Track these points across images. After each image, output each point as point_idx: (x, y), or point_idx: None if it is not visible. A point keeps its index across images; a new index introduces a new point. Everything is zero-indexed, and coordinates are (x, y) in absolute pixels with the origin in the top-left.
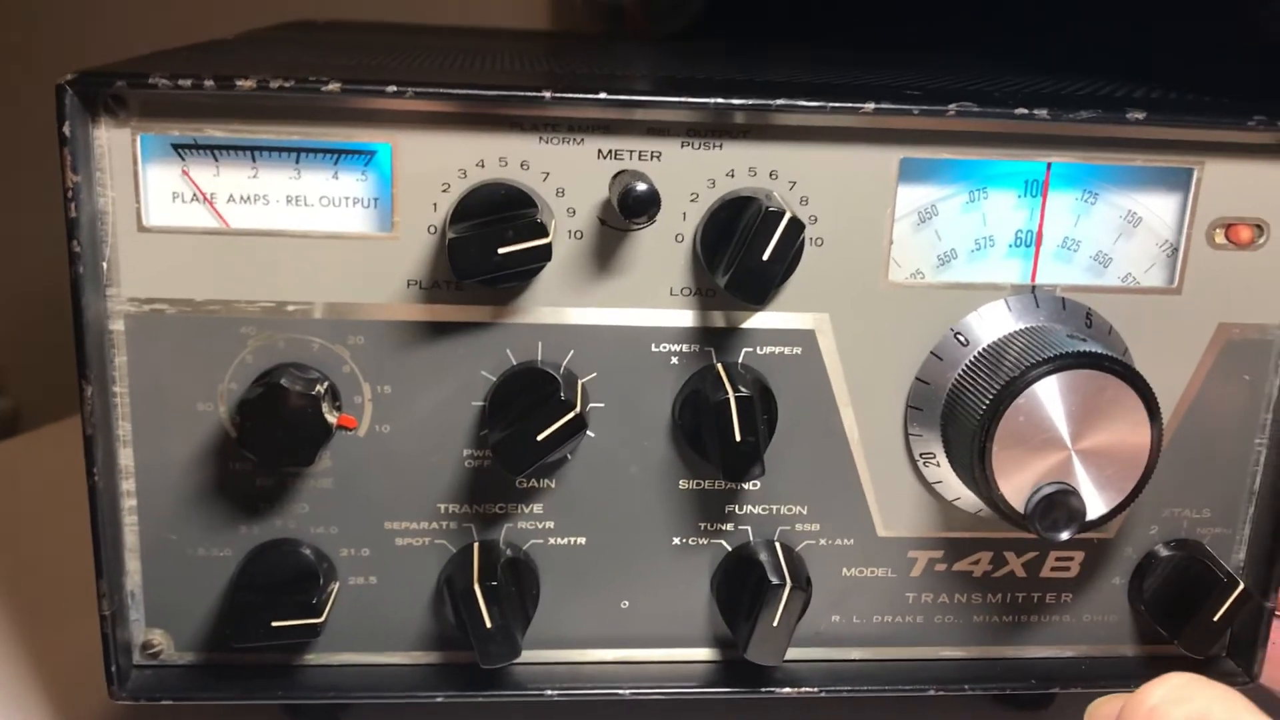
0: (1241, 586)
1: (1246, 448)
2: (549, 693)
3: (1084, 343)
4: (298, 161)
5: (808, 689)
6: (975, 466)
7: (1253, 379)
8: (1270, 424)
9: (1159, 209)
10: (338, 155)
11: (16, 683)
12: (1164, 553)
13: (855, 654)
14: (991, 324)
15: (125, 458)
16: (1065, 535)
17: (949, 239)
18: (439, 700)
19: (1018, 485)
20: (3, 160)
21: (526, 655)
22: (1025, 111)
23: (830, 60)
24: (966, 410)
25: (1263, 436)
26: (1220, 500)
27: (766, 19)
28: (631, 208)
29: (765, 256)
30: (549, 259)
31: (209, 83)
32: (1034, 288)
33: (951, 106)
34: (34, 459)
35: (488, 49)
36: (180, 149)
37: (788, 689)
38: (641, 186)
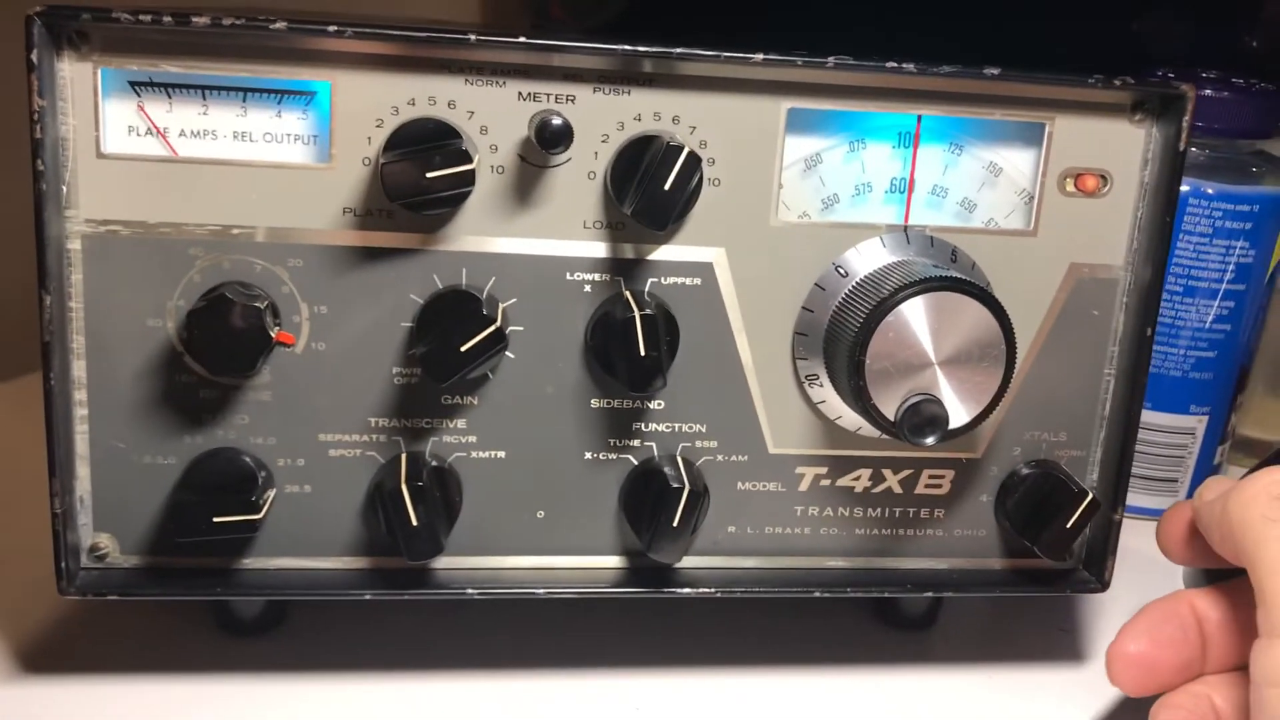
0: (1091, 496)
1: (1097, 377)
2: (470, 592)
3: (947, 271)
4: (244, 100)
5: (705, 590)
6: (852, 380)
7: (1100, 314)
8: (1117, 355)
9: (1017, 161)
10: (281, 95)
11: None
12: (1025, 471)
13: (749, 562)
14: (868, 258)
15: (78, 369)
16: (930, 440)
17: (832, 185)
18: (367, 598)
19: (889, 396)
20: None
21: (449, 560)
22: (895, 65)
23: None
24: (845, 331)
25: (1110, 367)
26: (1075, 425)
27: (688, 18)
28: (548, 140)
29: (666, 187)
30: (472, 184)
31: (167, 19)
32: (906, 228)
33: (830, 59)
34: None
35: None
36: (137, 86)
37: (687, 590)
38: (557, 121)
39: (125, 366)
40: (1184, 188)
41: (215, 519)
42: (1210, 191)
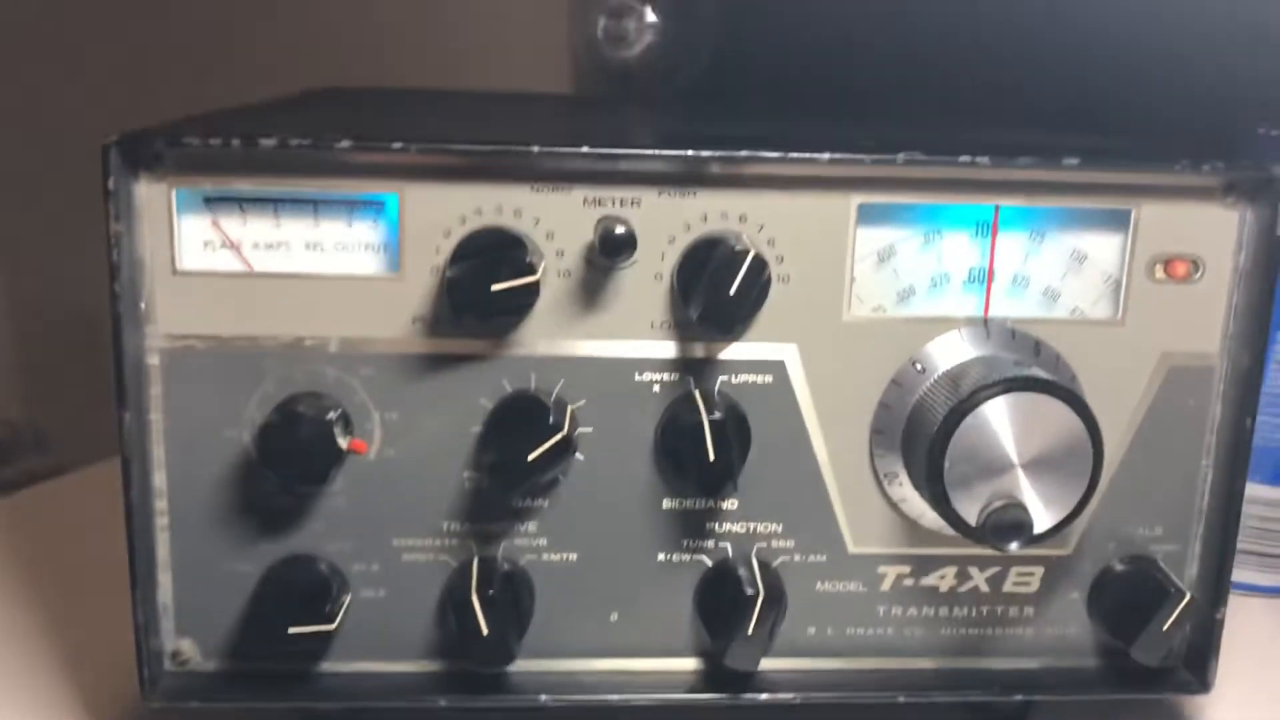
0: (1189, 596)
1: (1194, 468)
2: (543, 698)
3: (1029, 369)
4: (316, 212)
5: (784, 694)
6: (932, 483)
7: (1196, 403)
8: (1215, 446)
9: (1102, 247)
10: (351, 206)
11: (56, 691)
12: (1119, 568)
13: (829, 664)
14: (947, 353)
15: (159, 479)
16: (1015, 546)
17: (907, 276)
18: (442, 705)
19: (970, 500)
20: (38, 216)
21: (522, 664)
22: (969, 159)
23: (808, 113)
24: (923, 432)
25: (1208, 458)
26: (1171, 518)
27: (759, 77)
28: (611, 249)
29: (731, 292)
30: (537, 296)
31: (236, 142)
32: (986, 320)
33: (900, 155)
34: (72, 498)
35: (500, 111)
36: (210, 201)
37: (765, 695)
38: (620, 230)
39: (203, 476)
40: None
41: (291, 629)
42: None
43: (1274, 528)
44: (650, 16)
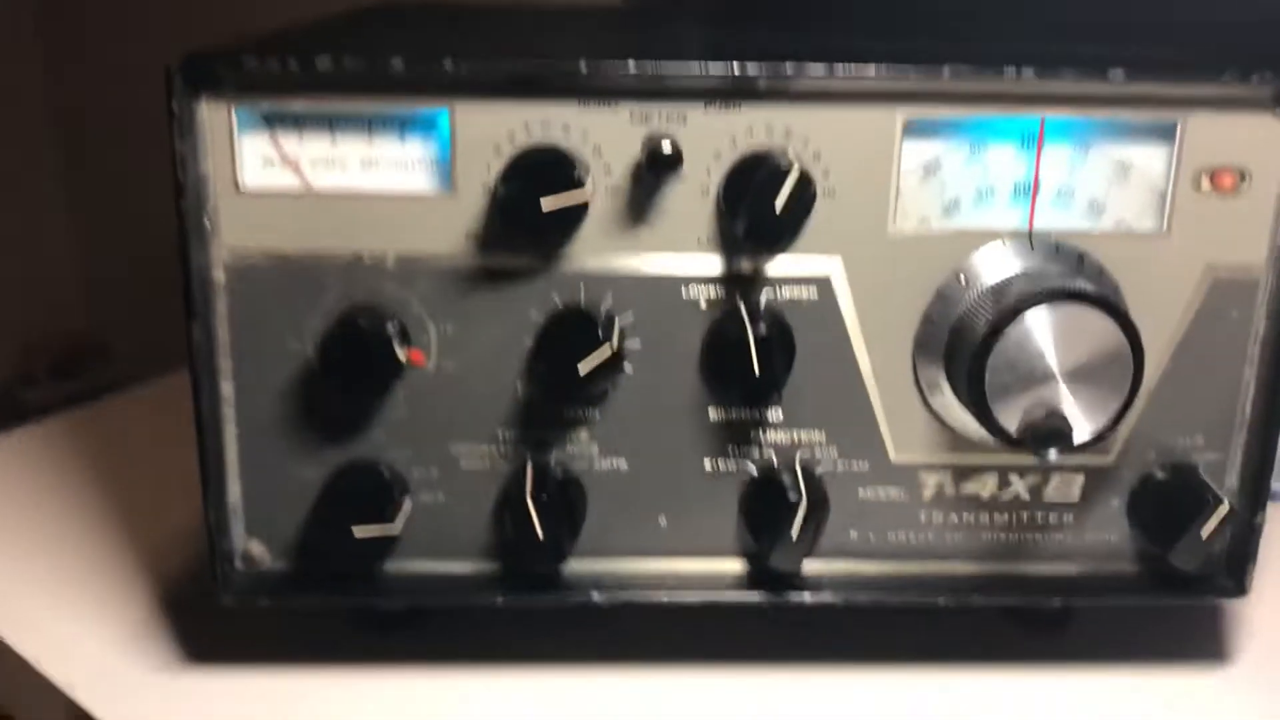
0: (1228, 505)
1: (1236, 378)
2: (594, 595)
3: (1072, 280)
4: (370, 129)
5: (826, 595)
6: (973, 392)
7: (1240, 315)
8: (1258, 357)
9: (1148, 158)
10: (404, 122)
11: (134, 591)
12: (1159, 476)
13: (871, 567)
14: (990, 266)
15: (226, 389)
16: (1054, 455)
17: (953, 189)
18: (499, 602)
19: (1010, 409)
20: (103, 147)
21: (575, 564)
22: (1014, 72)
23: (854, 24)
24: (965, 343)
25: (1250, 369)
26: (1213, 427)
27: None
28: (658, 166)
29: (777, 209)
30: (586, 212)
31: (293, 62)
32: (1030, 233)
33: (945, 68)
34: (139, 410)
35: (550, 27)
36: (270, 120)
37: (808, 594)
38: (666, 148)
39: (269, 386)
40: None
41: (355, 532)
42: None
43: None
44: None
